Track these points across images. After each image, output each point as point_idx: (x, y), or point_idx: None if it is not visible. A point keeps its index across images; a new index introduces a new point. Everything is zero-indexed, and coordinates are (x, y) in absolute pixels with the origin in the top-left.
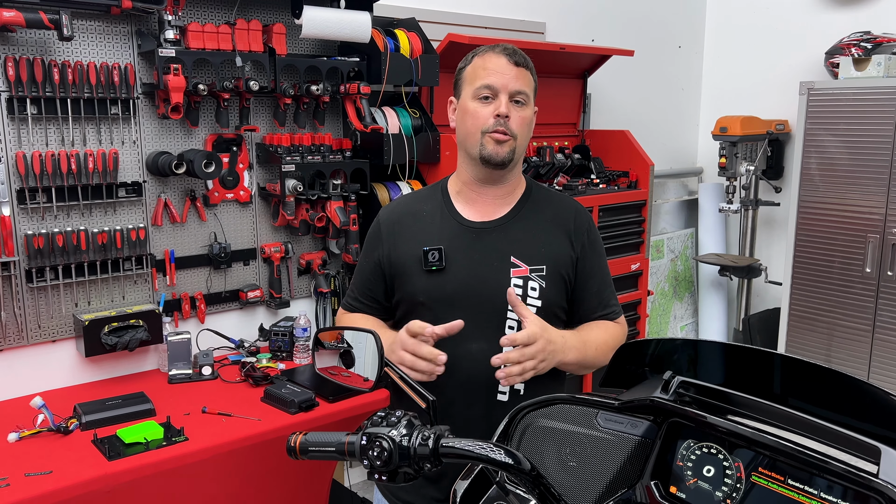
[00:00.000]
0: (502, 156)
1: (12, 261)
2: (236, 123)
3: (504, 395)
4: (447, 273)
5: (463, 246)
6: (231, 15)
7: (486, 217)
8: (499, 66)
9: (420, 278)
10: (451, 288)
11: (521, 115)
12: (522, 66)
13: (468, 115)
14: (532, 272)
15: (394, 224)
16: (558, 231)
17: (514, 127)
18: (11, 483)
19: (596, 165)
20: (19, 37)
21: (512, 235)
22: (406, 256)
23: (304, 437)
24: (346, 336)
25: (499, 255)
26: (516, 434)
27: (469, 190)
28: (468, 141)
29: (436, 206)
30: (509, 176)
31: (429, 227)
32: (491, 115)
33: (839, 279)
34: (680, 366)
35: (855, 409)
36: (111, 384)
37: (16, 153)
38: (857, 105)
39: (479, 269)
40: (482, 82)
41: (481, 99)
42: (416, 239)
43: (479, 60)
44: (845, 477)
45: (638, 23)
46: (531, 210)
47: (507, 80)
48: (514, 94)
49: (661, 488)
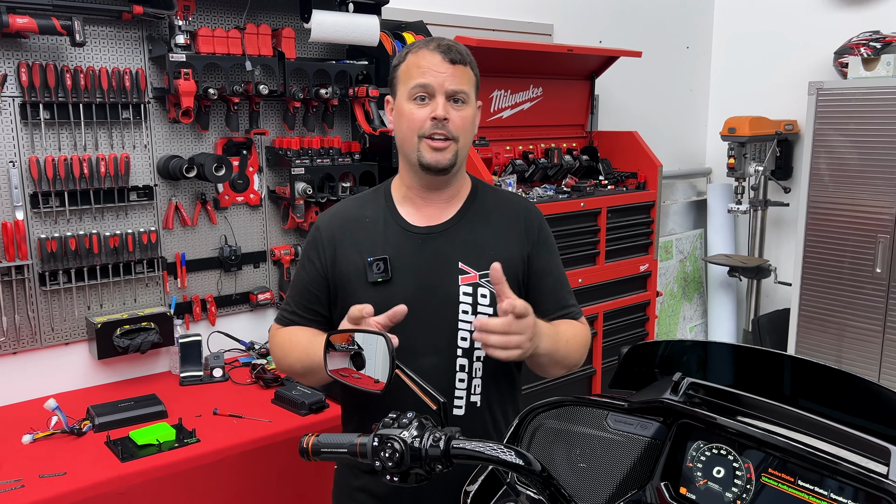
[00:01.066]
0: (443, 163)
1: (26, 264)
2: (246, 127)
3: (461, 409)
4: (393, 284)
5: (408, 254)
6: (241, 19)
7: (432, 221)
8: (433, 64)
9: (365, 292)
10: (398, 300)
11: (461, 115)
12: (460, 63)
13: (404, 117)
14: (481, 278)
15: (335, 231)
16: (508, 232)
17: (454, 129)
18: (26, 484)
19: (604, 167)
20: (32, 43)
21: (459, 240)
22: (349, 267)
23: (317, 439)
24: (357, 338)
25: (446, 261)
26: (526, 435)
27: (414, 195)
28: (405, 145)
29: (379, 212)
30: (453, 180)
31: (372, 235)
32: (427, 118)
33: (849, 280)
34: (689, 367)
35: (865, 410)
36: (123, 386)
37: (29, 158)
38: (866, 105)
39: (427, 278)
40: (416, 82)
41: (416, 100)
42: (359, 248)
43: (413, 58)
44: (855, 478)
45: (645, 24)
46: (478, 212)
47: (444, 79)
48: (451, 94)
49: (671, 489)
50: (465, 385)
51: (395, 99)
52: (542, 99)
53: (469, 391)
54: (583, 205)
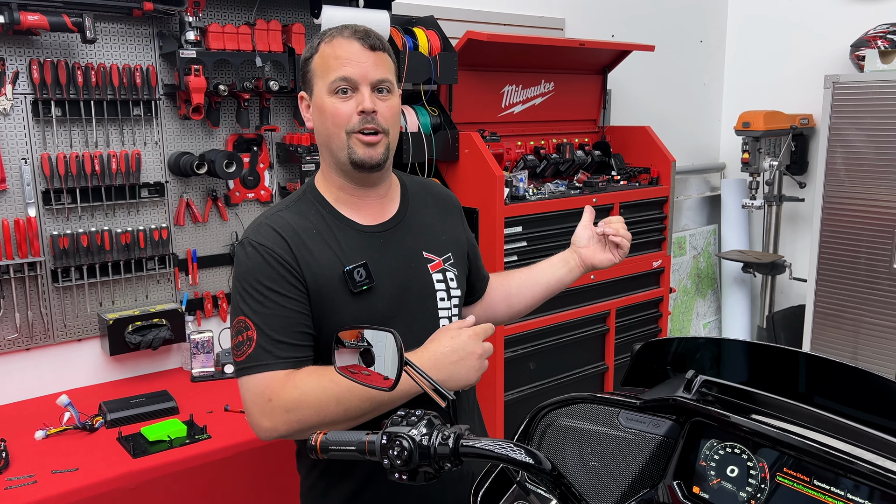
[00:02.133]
0: (377, 158)
1: (38, 261)
2: (256, 123)
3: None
4: (375, 289)
5: (374, 255)
6: (251, 15)
7: (380, 218)
8: (353, 54)
9: (348, 304)
10: (383, 305)
11: (388, 105)
12: (380, 50)
13: (326, 113)
14: (445, 262)
15: (288, 247)
16: (447, 215)
17: (384, 121)
18: (39, 480)
19: (616, 162)
20: (43, 40)
21: (413, 230)
22: (323, 281)
23: (325, 437)
24: (367, 335)
25: (411, 254)
26: (537, 433)
27: (348, 195)
28: (332, 143)
29: (321, 220)
30: (385, 174)
31: (329, 244)
32: (354, 112)
33: (865, 275)
34: (702, 364)
35: (882, 408)
36: (135, 382)
37: (41, 155)
38: (883, 98)
39: (401, 275)
40: (337, 74)
41: (339, 93)
42: (323, 260)
43: (328, 48)
44: (872, 477)
45: (658, 17)
46: (416, 200)
47: (366, 69)
48: (376, 84)
49: (684, 488)
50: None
51: (313, 95)
52: (553, 94)
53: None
54: (595, 200)
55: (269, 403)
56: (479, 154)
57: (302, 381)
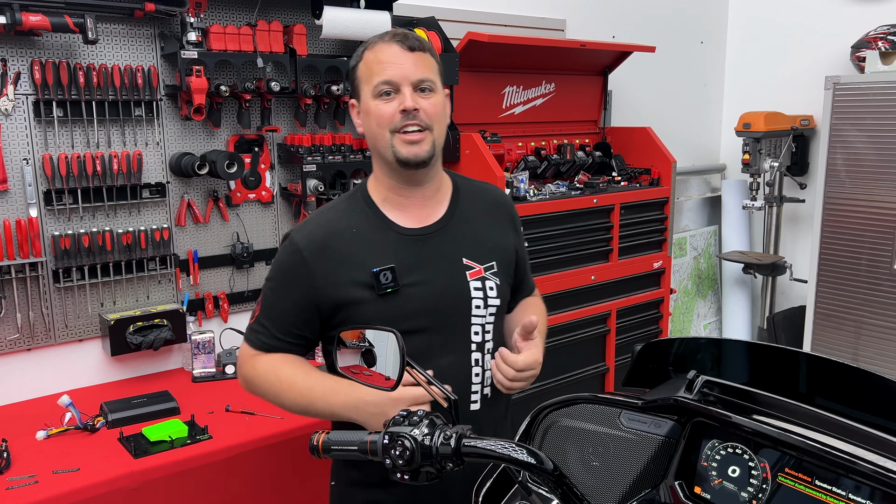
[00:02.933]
0: (422, 155)
1: (40, 261)
2: (258, 124)
3: (476, 403)
4: (403, 291)
5: (410, 259)
6: (252, 16)
7: (424, 221)
8: (393, 56)
9: (373, 304)
10: (410, 307)
11: (430, 102)
12: (419, 50)
13: (372, 116)
14: (486, 271)
15: (321, 250)
16: (496, 221)
17: (427, 118)
18: (40, 480)
19: (617, 163)
20: (45, 41)
21: (456, 236)
22: (348, 286)
23: (327, 436)
24: (368, 335)
25: (450, 260)
26: (538, 434)
27: (395, 195)
28: (378, 144)
29: (364, 220)
30: (433, 173)
31: (366, 245)
32: (396, 112)
33: (866, 276)
34: (704, 365)
35: (883, 408)
36: (136, 383)
37: (43, 156)
38: (884, 99)
39: (435, 280)
40: (379, 78)
41: (382, 96)
42: (357, 261)
43: (371, 54)
44: (873, 478)
45: (659, 18)
46: (466, 205)
47: (407, 70)
48: (417, 83)
49: (686, 488)
50: (480, 379)
51: (360, 101)
52: (554, 95)
53: (482, 384)
54: (596, 201)
55: (240, 368)
56: (480, 155)
57: (261, 366)
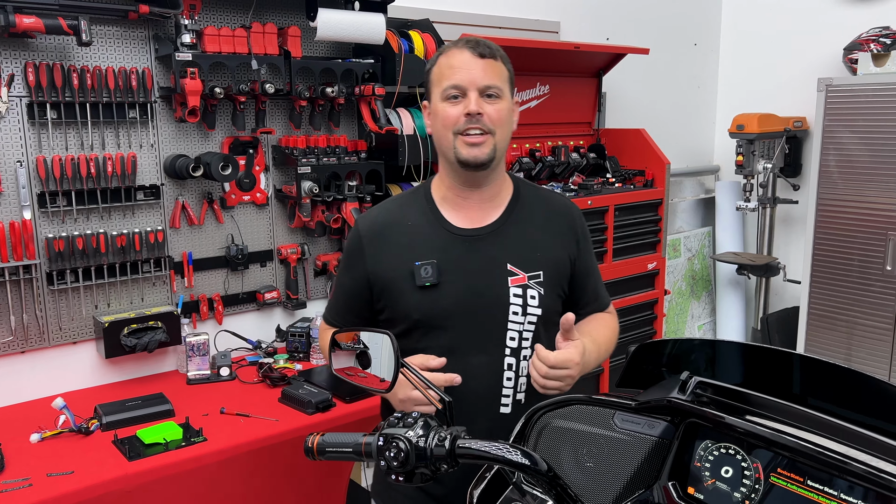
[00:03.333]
0: (481, 157)
1: (34, 264)
2: (252, 126)
3: (507, 407)
4: (442, 287)
5: (456, 257)
6: (246, 18)
7: (477, 223)
8: (463, 62)
9: (412, 295)
10: (446, 303)
11: (495, 108)
12: (489, 58)
13: (438, 117)
14: (530, 279)
15: (376, 236)
16: (553, 232)
17: (490, 123)
18: (34, 483)
19: (611, 164)
20: (39, 43)
21: (506, 241)
22: (395, 272)
23: (322, 438)
24: (363, 337)
25: (494, 264)
26: (533, 435)
27: (454, 195)
28: (443, 145)
29: (421, 214)
30: (493, 176)
31: (417, 239)
32: (461, 115)
33: (859, 277)
34: (697, 366)
35: (876, 409)
36: (131, 385)
37: (36, 158)
38: (876, 101)
39: (475, 281)
40: (448, 82)
41: (450, 99)
42: (405, 252)
43: (444, 59)
44: (866, 478)
45: (653, 21)
46: (523, 212)
47: (475, 76)
48: (484, 89)
49: (679, 489)
50: (513, 384)
51: (431, 102)
52: (549, 96)
53: (515, 389)
54: (590, 203)
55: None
56: None
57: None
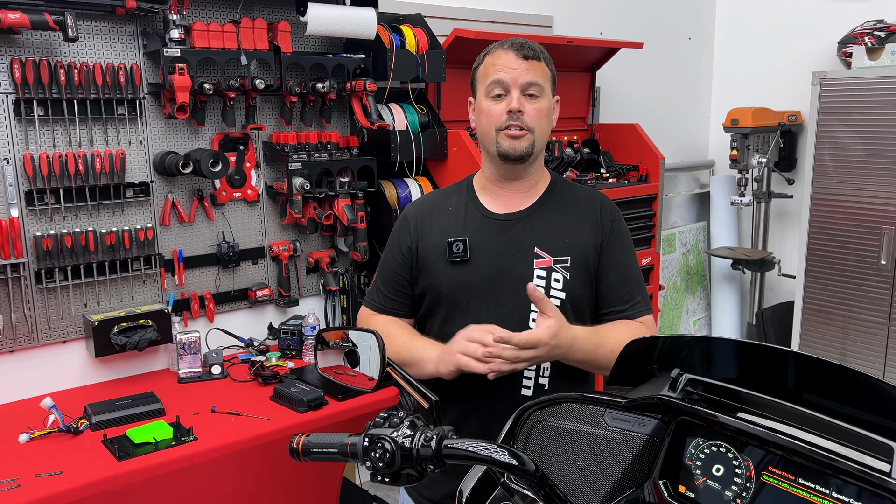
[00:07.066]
0: (520, 150)
1: (21, 262)
2: (242, 122)
3: (528, 388)
4: (471, 264)
5: (487, 238)
6: (236, 13)
7: (511, 209)
8: (507, 62)
9: (444, 269)
10: (474, 279)
11: (535, 107)
12: (533, 59)
13: (483, 114)
14: (556, 263)
15: (421, 218)
16: (583, 221)
17: (530, 121)
18: (22, 484)
19: (605, 159)
20: (25, 38)
21: (536, 227)
22: (431, 248)
23: (307, 439)
24: (351, 336)
25: (522, 246)
26: (522, 433)
27: (492, 185)
28: (485, 139)
29: (461, 201)
30: (530, 170)
31: (453, 220)
32: (503, 112)
33: (854, 272)
34: (689, 363)
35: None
36: (121, 384)
37: (23, 155)
38: (870, 95)
39: (502, 260)
40: (492, 79)
41: (494, 97)
42: (442, 231)
43: (490, 58)
44: (858, 476)
45: (647, 15)
46: (556, 201)
47: (517, 75)
48: (525, 88)
49: (670, 487)
50: (534, 367)
51: (476, 99)
52: None
53: (538, 373)
54: None
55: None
56: (468, 152)
57: (373, 324)
